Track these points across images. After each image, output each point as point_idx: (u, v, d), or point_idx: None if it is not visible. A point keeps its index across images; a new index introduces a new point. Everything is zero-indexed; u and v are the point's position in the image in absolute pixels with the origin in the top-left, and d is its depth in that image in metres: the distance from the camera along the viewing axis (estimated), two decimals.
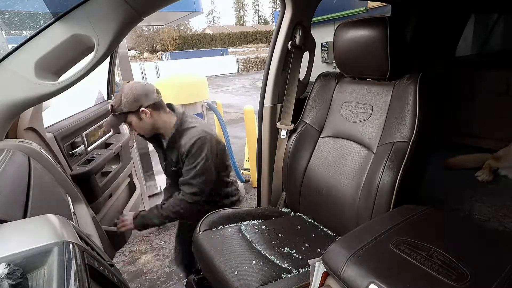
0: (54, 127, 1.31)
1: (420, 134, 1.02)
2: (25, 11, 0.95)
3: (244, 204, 2.99)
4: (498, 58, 2.20)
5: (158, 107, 1.34)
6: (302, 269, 1.02)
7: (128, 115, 1.30)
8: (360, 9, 4.86)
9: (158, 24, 5.84)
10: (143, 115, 1.30)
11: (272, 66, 1.47)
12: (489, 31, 2.33)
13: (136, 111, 1.29)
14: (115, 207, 1.62)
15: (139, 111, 1.29)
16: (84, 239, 0.50)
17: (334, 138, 1.31)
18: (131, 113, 1.29)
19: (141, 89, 1.30)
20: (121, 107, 1.27)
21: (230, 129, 4.49)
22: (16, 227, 0.47)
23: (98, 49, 0.72)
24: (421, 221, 0.83)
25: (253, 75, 16.93)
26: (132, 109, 1.28)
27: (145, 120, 1.31)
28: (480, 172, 1.78)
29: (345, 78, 1.34)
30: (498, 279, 0.61)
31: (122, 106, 1.27)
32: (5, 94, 0.74)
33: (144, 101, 1.29)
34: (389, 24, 1.07)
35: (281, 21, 1.42)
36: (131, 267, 2.16)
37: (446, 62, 2.20)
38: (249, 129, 3.14)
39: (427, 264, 0.66)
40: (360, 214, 1.11)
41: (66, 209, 0.77)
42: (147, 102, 1.29)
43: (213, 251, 1.10)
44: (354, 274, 0.66)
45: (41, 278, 0.37)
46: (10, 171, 0.64)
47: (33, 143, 0.87)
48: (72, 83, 0.76)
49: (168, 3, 0.79)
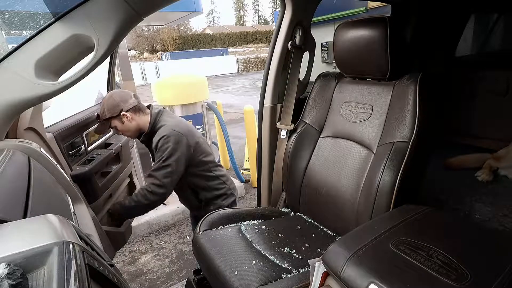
0: (54, 127, 1.31)
1: (420, 134, 1.02)
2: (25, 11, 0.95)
3: (244, 204, 2.99)
4: (498, 58, 2.20)
5: (137, 110, 1.49)
6: (302, 269, 1.02)
7: (111, 120, 1.46)
8: (360, 9, 4.86)
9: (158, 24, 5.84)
10: (124, 119, 1.46)
11: (272, 66, 1.47)
12: (489, 31, 2.33)
13: (117, 116, 1.45)
14: None
15: (120, 115, 1.45)
16: (84, 239, 0.50)
17: (334, 138, 1.31)
18: (114, 118, 1.45)
19: (119, 96, 1.47)
20: (105, 114, 1.44)
21: (230, 129, 4.50)
22: (16, 227, 0.46)
23: (98, 49, 0.72)
24: (421, 221, 0.83)
25: (253, 75, 16.95)
26: (114, 114, 1.44)
27: (127, 123, 1.48)
28: (480, 172, 1.78)
29: (345, 78, 1.34)
30: (498, 279, 0.61)
31: (105, 113, 1.44)
32: (5, 94, 0.74)
33: (123, 106, 1.45)
34: (389, 24, 1.07)
35: (281, 21, 1.42)
36: (131, 267, 2.16)
37: (446, 62, 2.20)
38: (249, 129, 3.14)
39: (427, 264, 0.66)
40: (360, 214, 1.11)
41: (66, 209, 0.77)
42: (127, 107, 1.45)
43: (213, 251, 1.10)
44: (354, 274, 0.66)
45: (41, 278, 0.37)
46: (10, 171, 0.64)
47: (33, 143, 0.87)
48: (72, 83, 0.76)
49: (168, 3, 0.79)
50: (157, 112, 1.54)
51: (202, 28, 40.09)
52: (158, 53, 27.33)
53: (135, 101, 1.49)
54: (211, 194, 1.61)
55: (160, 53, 26.74)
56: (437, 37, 2.03)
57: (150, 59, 23.82)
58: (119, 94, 1.48)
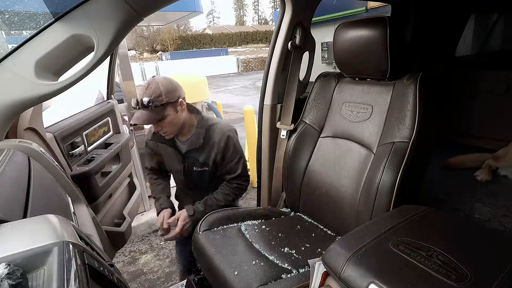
0: (54, 127, 1.31)
1: (420, 134, 1.02)
2: (25, 11, 0.95)
3: (244, 204, 2.99)
4: (498, 58, 2.20)
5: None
6: (302, 269, 1.02)
7: (167, 107, 1.21)
8: (360, 9, 4.85)
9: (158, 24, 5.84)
10: (179, 107, 1.25)
11: (272, 66, 1.47)
12: (489, 31, 2.33)
13: (174, 102, 1.23)
14: (115, 207, 1.62)
15: (177, 101, 1.24)
16: (84, 239, 0.50)
17: (334, 138, 1.31)
18: (170, 105, 1.22)
19: (175, 81, 1.26)
20: (162, 97, 1.18)
21: None
22: (16, 227, 0.46)
23: (98, 49, 0.72)
24: (421, 221, 0.83)
25: (253, 75, 16.94)
26: (173, 99, 1.21)
27: (180, 114, 1.26)
28: (479, 172, 1.78)
29: (345, 78, 1.34)
30: (498, 279, 0.61)
31: (163, 97, 1.18)
32: (5, 94, 0.74)
33: (181, 92, 1.25)
34: (389, 24, 1.07)
35: (281, 21, 1.42)
36: (131, 267, 2.16)
37: (446, 62, 2.20)
38: (249, 129, 3.14)
39: (427, 264, 0.66)
40: (360, 214, 1.11)
41: (66, 209, 0.77)
42: (183, 94, 1.26)
43: (213, 251, 1.10)
44: (354, 274, 0.66)
45: (41, 278, 0.37)
46: (10, 171, 0.64)
47: (33, 143, 0.87)
48: (72, 83, 0.76)
49: (168, 3, 0.79)
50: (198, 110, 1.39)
51: (202, 28, 40.09)
52: (158, 53, 27.35)
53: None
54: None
55: (160, 53, 26.75)
56: (437, 37, 2.03)
57: (150, 59, 23.84)
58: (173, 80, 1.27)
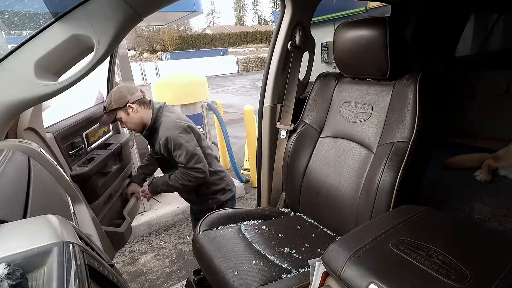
0: (54, 127, 1.31)
1: (420, 134, 1.02)
2: (25, 11, 0.95)
3: (244, 204, 2.99)
4: (498, 58, 2.20)
5: (142, 103, 1.54)
6: (302, 269, 1.02)
7: (117, 112, 1.50)
8: (360, 9, 4.86)
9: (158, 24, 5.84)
10: (129, 110, 1.50)
11: (272, 66, 1.47)
12: (489, 31, 2.33)
13: (123, 107, 1.49)
14: (115, 207, 1.62)
15: (126, 106, 1.49)
16: (84, 239, 0.50)
17: (334, 138, 1.31)
18: (120, 109, 1.49)
19: (126, 88, 1.52)
20: (112, 105, 1.48)
21: (230, 129, 4.50)
22: (16, 227, 0.46)
23: (98, 49, 0.72)
24: (421, 221, 0.83)
25: (253, 75, 16.94)
26: (120, 105, 1.48)
27: (132, 115, 1.51)
28: (479, 171, 1.78)
29: (345, 78, 1.34)
30: (498, 279, 0.61)
31: (112, 104, 1.48)
32: (5, 94, 0.74)
33: (130, 98, 1.50)
34: (389, 24, 1.07)
35: (281, 21, 1.42)
36: (131, 267, 2.16)
37: (446, 62, 2.20)
38: (249, 129, 3.14)
39: (427, 264, 0.66)
40: (360, 214, 1.11)
41: (66, 209, 0.77)
42: (133, 99, 1.50)
43: (213, 251, 1.10)
44: (354, 274, 0.66)
45: (41, 278, 0.37)
46: (10, 171, 0.63)
47: (33, 143, 0.87)
48: (72, 83, 0.76)
49: (168, 3, 0.79)
50: (158, 108, 1.59)
51: (202, 28, 40.08)
52: (158, 53, 27.33)
53: (141, 95, 1.55)
54: (209, 190, 1.64)
55: (160, 53, 26.74)
56: (437, 37, 2.03)
57: (150, 59, 23.82)
58: (127, 87, 1.53)
